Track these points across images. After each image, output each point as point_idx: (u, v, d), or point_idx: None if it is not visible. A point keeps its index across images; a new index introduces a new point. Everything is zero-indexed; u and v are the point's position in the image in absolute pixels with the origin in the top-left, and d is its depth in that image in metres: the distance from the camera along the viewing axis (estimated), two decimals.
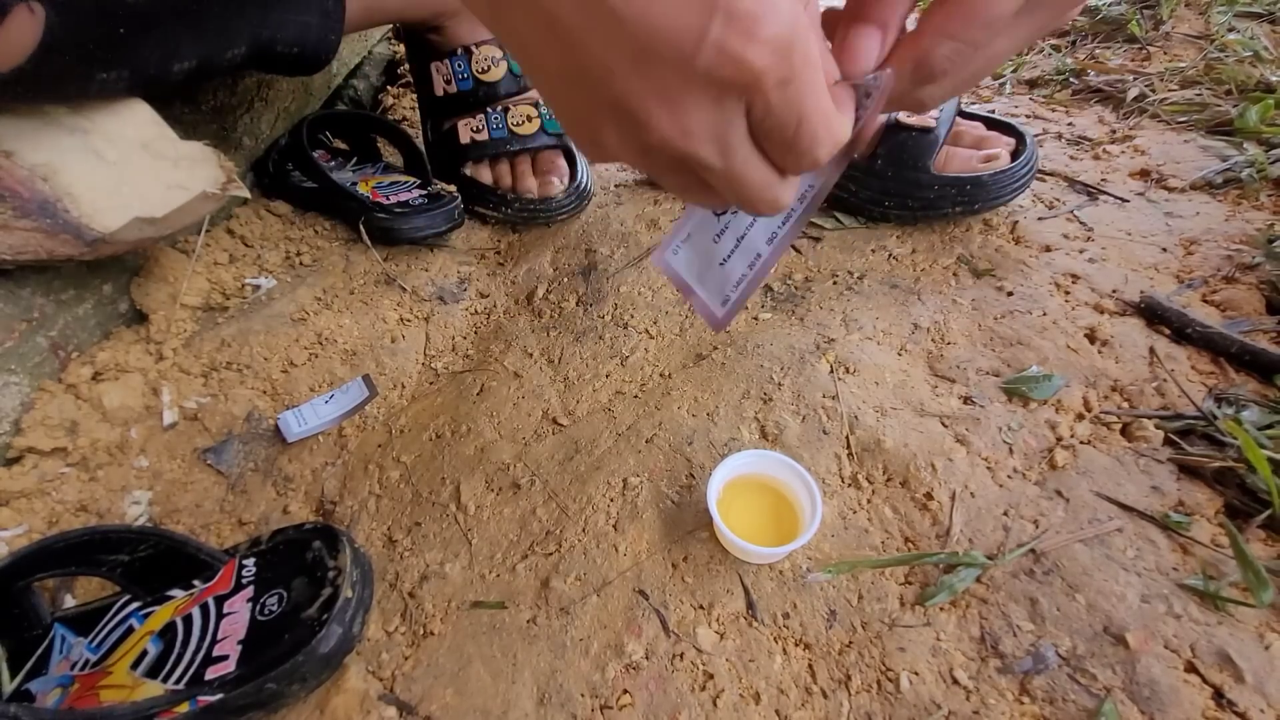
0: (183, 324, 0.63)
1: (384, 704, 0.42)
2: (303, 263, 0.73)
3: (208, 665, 0.39)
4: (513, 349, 0.65)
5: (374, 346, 0.64)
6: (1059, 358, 0.58)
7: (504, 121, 0.79)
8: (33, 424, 0.52)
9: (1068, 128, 0.94)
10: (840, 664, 0.42)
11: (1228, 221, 0.72)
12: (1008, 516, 0.48)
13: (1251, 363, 0.56)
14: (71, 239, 0.51)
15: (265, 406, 0.59)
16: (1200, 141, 0.86)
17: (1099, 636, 0.42)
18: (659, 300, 0.69)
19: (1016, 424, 0.54)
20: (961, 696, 0.40)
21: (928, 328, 0.63)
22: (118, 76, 0.51)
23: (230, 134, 0.76)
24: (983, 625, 0.43)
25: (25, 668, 0.41)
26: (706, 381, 0.59)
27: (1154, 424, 0.53)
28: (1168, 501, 0.48)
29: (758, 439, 0.55)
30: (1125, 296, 0.64)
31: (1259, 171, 0.76)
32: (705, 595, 0.46)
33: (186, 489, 0.54)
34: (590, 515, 0.51)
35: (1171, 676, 0.39)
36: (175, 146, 0.55)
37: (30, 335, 0.55)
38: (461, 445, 0.57)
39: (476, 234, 0.80)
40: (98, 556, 0.43)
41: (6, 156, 0.48)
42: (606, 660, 0.43)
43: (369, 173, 0.84)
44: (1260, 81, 0.91)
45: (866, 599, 0.45)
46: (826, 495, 0.50)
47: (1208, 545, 0.45)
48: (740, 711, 0.40)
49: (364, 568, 0.43)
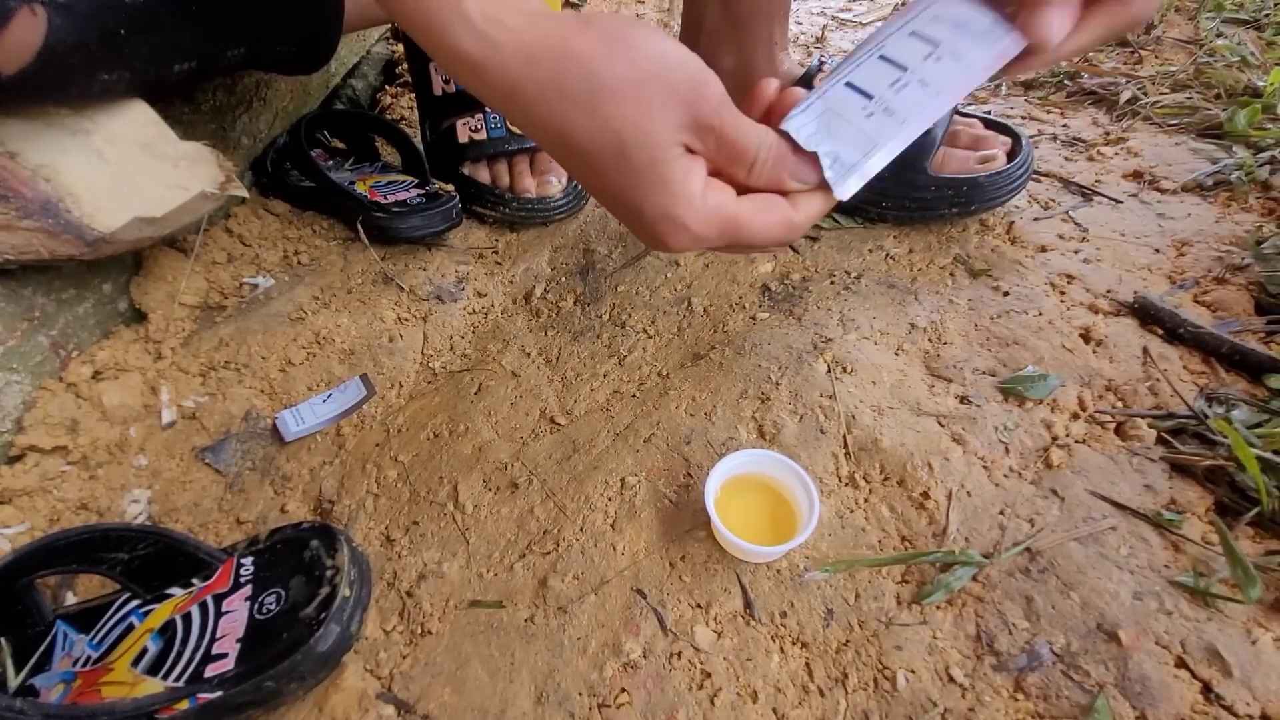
0: (181, 323, 0.63)
1: (382, 702, 0.42)
2: (301, 262, 0.73)
3: (207, 663, 0.39)
4: (510, 348, 0.66)
5: (372, 346, 0.65)
6: (1054, 357, 0.59)
7: (502, 121, 0.80)
8: (34, 422, 0.53)
9: (1062, 129, 0.94)
10: (837, 662, 0.43)
11: (1218, 223, 0.73)
12: (1004, 515, 0.49)
13: (1241, 362, 0.56)
14: (73, 239, 0.51)
15: (263, 406, 0.59)
16: (1191, 144, 0.87)
17: (1092, 633, 0.42)
18: (657, 300, 0.69)
19: (1012, 423, 0.54)
20: (957, 694, 0.41)
21: (924, 327, 0.63)
22: (119, 77, 0.51)
23: (229, 134, 0.76)
24: (979, 623, 0.44)
25: (29, 663, 0.41)
26: (704, 381, 0.60)
27: (1147, 423, 0.53)
28: (1160, 500, 0.49)
29: (755, 438, 0.55)
30: (1119, 297, 0.65)
31: (1248, 174, 0.77)
32: (703, 594, 0.46)
33: (185, 488, 0.54)
34: (588, 514, 0.51)
35: (1162, 672, 0.40)
36: (175, 147, 0.55)
37: (32, 334, 0.55)
38: (459, 444, 0.57)
39: (474, 233, 0.80)
40: (98, 554, 0.44)
41: (10, 158, 0.48)
42: (604, 659, 0.43)
43: (367, 172, 0.84)
44: (1248, 86, 0.92)
45: (863, 598, 0.45)
46: (824, 494, 0.51)
47: (1198, 543, 0.46)
48: (738, 710, 0.41)
49: (362, 567, 0.44)
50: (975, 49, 0.41)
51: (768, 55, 0.70)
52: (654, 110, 0.37)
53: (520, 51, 0.36)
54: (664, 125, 0.37)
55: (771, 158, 0.39)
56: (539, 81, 0.37)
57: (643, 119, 0.37)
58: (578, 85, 0.36)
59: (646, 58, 0.36)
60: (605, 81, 0.36)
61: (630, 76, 0.36)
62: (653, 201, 0.38)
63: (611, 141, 0.37)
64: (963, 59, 0.41)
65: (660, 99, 0.37)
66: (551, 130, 0.38)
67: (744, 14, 0.68)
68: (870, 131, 0.41)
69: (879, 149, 0.41)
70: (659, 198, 0.38)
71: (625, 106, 0.36)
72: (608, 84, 0.36)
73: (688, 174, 0.38)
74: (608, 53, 0.36)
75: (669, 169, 0.38)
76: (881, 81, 0.42)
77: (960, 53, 0.41)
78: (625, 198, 0.39)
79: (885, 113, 0.41)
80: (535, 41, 0.36)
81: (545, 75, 0.36)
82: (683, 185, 0.38)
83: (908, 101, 0.41)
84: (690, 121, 0.37)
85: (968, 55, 0.41)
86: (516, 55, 0.36)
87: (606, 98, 0.36)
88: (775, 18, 0.68)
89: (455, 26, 0.36)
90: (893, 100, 0.41)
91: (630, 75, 0.36)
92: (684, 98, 0.37)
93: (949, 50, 0.41)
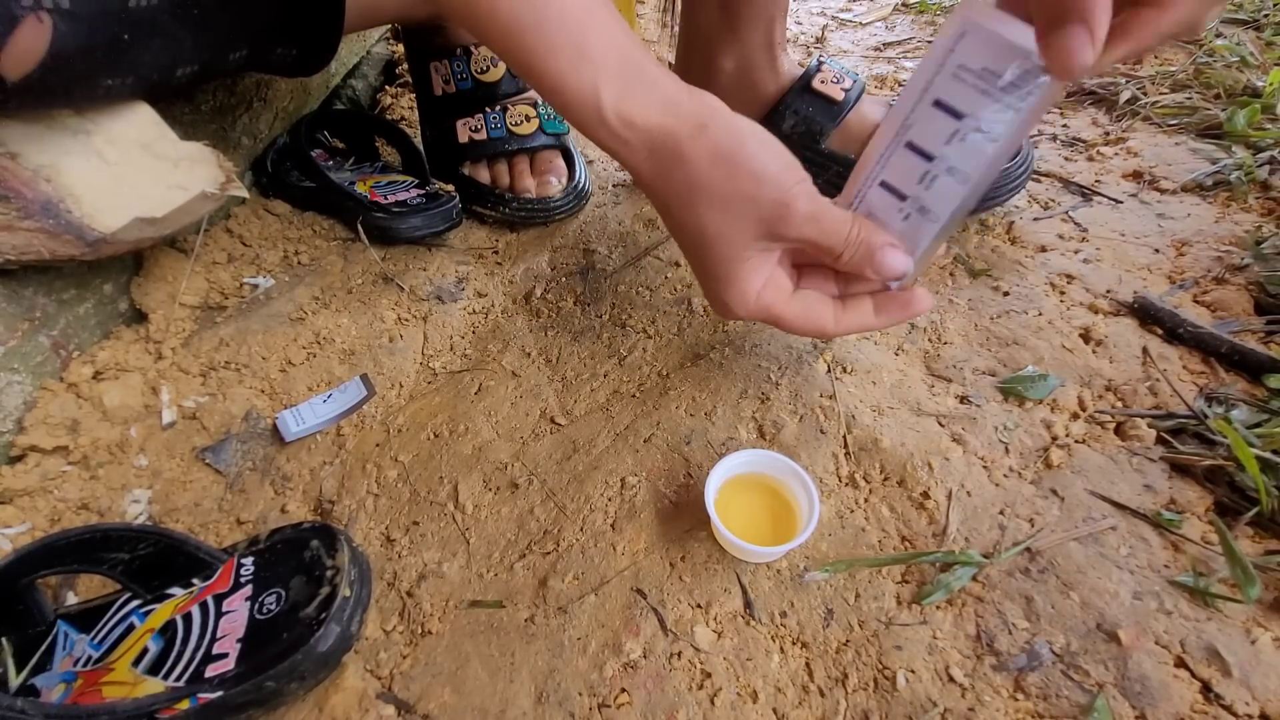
0: (181, 323, 0.63)
1: (382, 702, 0.42)
2: (301, 262, 0.73)
3: (208, 663, 0.39)
4: (510, 348, 0.66)
5: (372, 346, 0.65)
6: (1054, 357, 0.59)
7: (502, 121, 0.80)
8: (35, 422, 0.53)
9: (1062, 129, 0.94)
10: (837, 662, 0.43)
11: (1217, 223, 0.73)
12: (1004, 515, 0.49)
13: (1241, 362, 0.56)
14: (73, 239, 0.51)
15: (263, 406, 0.59)
16: (1190, 144, 0.87)
17: (1092, 633, 0.42)
18: (657, 300, 0.69)
19: (1012, 423, 0.54)
20: (957, 694, 0.41)
21: (924, 327, 0.63)
22: (123, 82, 0.51)
23: (229, 134, 0.76)
24: (978, 623, 0.44)
25: (30, 663, 0.41)
26: (704, 381, 0.60)
27: (1147, 423, 0.53)
28: (1160, 500, 0.49)
29: (755, 438, 0.55)
30: (1119, 297, 0.65)
31: (1247, 175, 0.77)
32: (703, 594, 0.46)
33: (185, 488, 0.54)
34: (588, 514, 0.51)
35: (1162, 672, 0.40)
36: (175, 147, 0.56)
37: (32, 334, 0.55)
38: (459, 445, 0.57)
39: (474, 234, 0.80)
40: (99, 554, 0.44)
41: (11, 158, 0.48)
42: (604, 659, 0.43)
43: (367, 172, 0.84)
44: (1247, 86, 0.92)
45: (863, 598, 0.45)
46: (824, 494, 0.51)
47: (1198, 542, 0.46)
48: (738, 710, 0.41)
49: (362, 567, 0.44)
50: (1001, 117, 0.40)
51: (767, 55, 0.70)
52: (737, 222, 0.45)
53: (644, 147, 0.46)
54: (743, 235, 0.45)
55: (858, 255, 0.46)
56: (657, 172, 0.46)
57: (724, 227, 0.45)
58: (681, 185, 0.45)
59: (743, 176, 0.44)
60: (702, 189, 0.45)
61: (723, 191, 0.44)
62: (718, 286, 0.48)
63: (696, 235, 0.47)
64: (988, 132, 0.41)
65: (744, 215, 0.44)
66: (659, 204, 0.49)
67: (743, 14, 0.68)
68: (909, 233, 0.46)
69: (919, 247, 0.46)
70: (721, 286, 0.48)
71: (714, 213, 0.45)
72: (704, 191, 0.45)
73: (750, 276, 0.47)
74: (710, 165, 0.44)
75: (737, 270, 0.47)
76: (911, 177, 0.45)
77: (985, 124, 0.41)
78: (698, 270, 0.50)
79: (920, 212, 0.45)
80: (658, 142, 0.45)
81: (661, 169, 0.46)
82: (743, 285, 0.47)
83: (939, 195, 0.44)
84: (768, 235, 0.45)
85: (994, 127, 0.40)
86: (640, 149, 0.46)
87: (700, 200, 0.45)
88: (774, 18, 0.68)
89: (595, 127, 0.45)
90: (925, 197, 0.45)
91: (723, 190, 0.44)
92: (767, 217, 0.44)
93: (972, 125, 0.41)
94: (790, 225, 0.44)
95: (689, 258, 0.50)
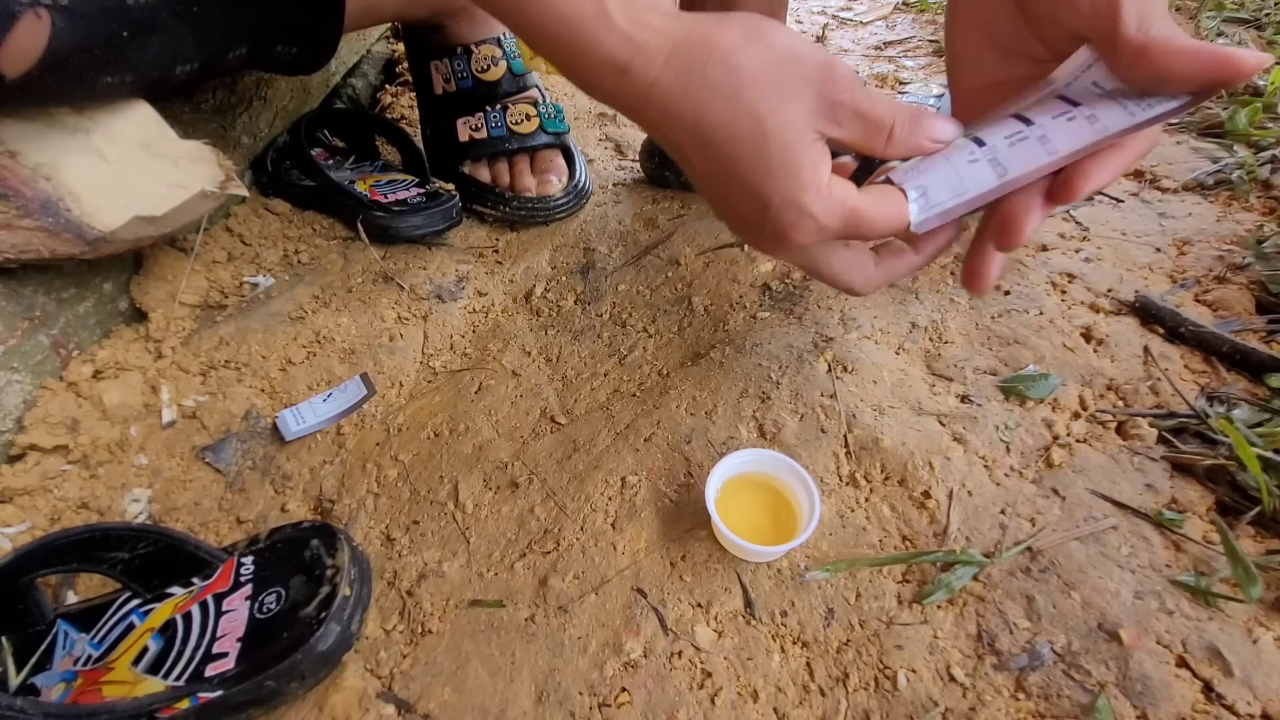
0: (181, 322, 0.63)
1: (382, 702, 0.42)
2: (301, 261, 0.73)
3: (208, 662, 0.39)
4: (511, 347, 0.66)
5: (372, 345, 0.65)
6: (1055, 357, 0.59)
7: (503, 120, 0.79)
8: (35, 421, 0.53)
9: None
10: (838, 662, 0.43)
11: (1219, 222, 0.73)
12: (1005, 515, 0.49)
13: (1242, 362, 0.56)
14: (73, 238, 0.51)
15: (263, 405, 0.59)
16: (1192, 143, 0.87)
17: (1093, 633, 0.42)
18: (657, 299, 0.69)
19: (1013, 423, 0.54)
20: (958, 694, 0.41)
21: (925, 327, 0.63)
22: (122, 80, 0.51)
23: (229, 133, 0.76)
24: (979, 623, 0.44)
25: (30, 662, 0.41)
26: (705, 380, 0.60)
27: (1148, 422, 0.53)
28: (1161, 499, 0.49)
29: (756, 438, 0.55)
30: (1120, 296, 0.65)
31: (1248, 174, 0.77)
32: (703, 594, 0.46)
33: (185, 487, 0.54)
34: (588, 514, 0.51)
35: (1163, 671, 0.40)
36: (175, 146, 0.55)
37: (32, 334, 0.55)
38: (459, 444, 0.57)
39: (474, 232, 0.80)
40: (99, 554, 0.43)
41: (11, 157, 0.48)
42: (605, 658, 0.43)
43: (367, 171, 0.84)
44: (1248, 86, 0.92)
45: (864, 597, 0.45)
46: (824, 494, 0.51)
47: (1199, 542, 0.46)
48: (738, 709, 0.41)
49: (362, 566, 0.43)
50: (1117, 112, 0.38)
51: None
52: (790, 95, 0.39)
53: (664, 47, 0.39)
54: (800, 110, 0.39)
55: (908, 122, 0.40)
56: (681, 71, 0.39)
57: (780, 104, 0.39)
58: (719, 74, 0.38)
59: (780, 48, 0.39)
60: (745, 69, 0.38)
61: (767, 65, 0.39)
62: (784, 187, 0.40)
63: (749, 126, 0.39)
64: (1099, 120, 0.39)
65: (795, 85, 0.39)
66: (688, 121, 0.40)
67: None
68: (965, 175, 0.41)
69: (968, 193, 0.41)
70: (789, 184, 0.40)
71: (764, 92, 0.39)
72: (747, 72, 0.38)
73: (818, 164, 0.40)
74: (746, 44, 0.39)
75: (802, 155, 0.39)
76: (1000, 133, 0.41)
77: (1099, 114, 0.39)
78: (753, 187, 0.41)
79: (991, 162, 0.41)
80: (681, 36, 0.39)
81: (688, 65, 0.39)
82: (812, 173, 0.40)
83: (1018, 155, 0.41)
84: (823, 105, 0.39)
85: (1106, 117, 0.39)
86: (660, 50, 0.39)
87: (747, 84, 0.38)
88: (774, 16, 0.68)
89: (601, 33, 0.38)
90: (1003, 152, 0.41)
91: (767, 64, 0.39)
92: (816, 81, 0.39)
93: (1085, 112, 0.39)
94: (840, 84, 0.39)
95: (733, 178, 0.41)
